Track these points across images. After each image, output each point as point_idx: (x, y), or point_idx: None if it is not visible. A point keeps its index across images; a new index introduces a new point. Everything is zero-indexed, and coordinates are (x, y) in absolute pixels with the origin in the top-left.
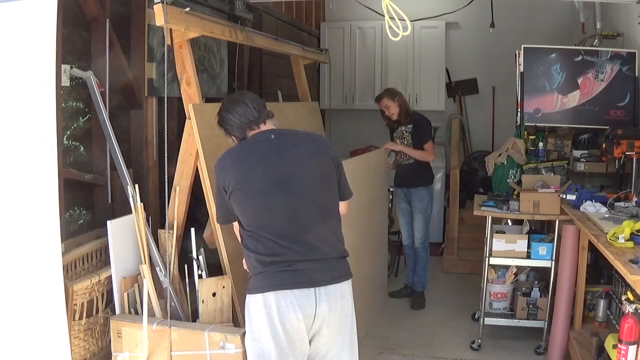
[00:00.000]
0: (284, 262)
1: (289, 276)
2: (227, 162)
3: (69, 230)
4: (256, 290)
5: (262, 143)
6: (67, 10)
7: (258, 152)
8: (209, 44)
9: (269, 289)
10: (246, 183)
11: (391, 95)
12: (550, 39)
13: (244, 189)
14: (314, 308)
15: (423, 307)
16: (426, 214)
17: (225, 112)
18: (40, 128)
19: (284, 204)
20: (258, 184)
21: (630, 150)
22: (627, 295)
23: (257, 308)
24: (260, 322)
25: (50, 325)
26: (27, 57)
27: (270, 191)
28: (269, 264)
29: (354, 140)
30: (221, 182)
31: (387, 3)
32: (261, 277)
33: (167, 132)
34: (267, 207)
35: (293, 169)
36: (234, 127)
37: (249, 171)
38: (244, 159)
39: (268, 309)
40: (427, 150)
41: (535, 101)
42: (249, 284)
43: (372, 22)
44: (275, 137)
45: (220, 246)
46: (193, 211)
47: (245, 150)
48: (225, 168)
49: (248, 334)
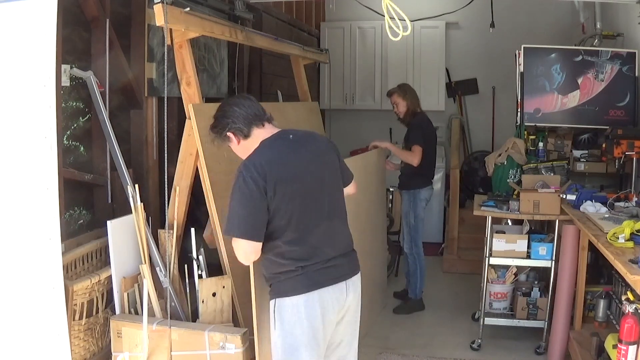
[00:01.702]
0: (322, 261)
1: (326, 273)
2: (263, 165)
3: (69, 230)
4: (296, 291)
5: (285, 142)
6: (67, 10)
7: (289, 153)
8: (209, 44)
9: (310, 289)
10: (290, 185)
11: (402, 93)
12: (550, 39)
13: (288, 191)
14: (344, 300)
15: (406, 313)
16: (407, 218)
17: (227, 106)
18: (40, 128)
19: (320, 203)
20: (300, 184)
21: (630, 150)
22: (627, 295)
23: (298, 309)
24: (299, 321)
25: (50, 325)
26: (27, 57)
27: (309, 191)
28: (309, 265)
29: (354, 140)
30: (260, 186)
31: (387, 3)
32: (300, 278)
33: (167, 132)
34: (311, 207)
35: (320, 168)
36: (240, 118)
37: (289, 172)
38: (281, 160)
39: (311, 308)
40: (412, 152)
41: (535, 101)
42: (278, 287)
43: (372, 22)
44: (292, 137)
45: (220, 246)
46: (193, 211)
47: (275, 151)
48: (263, 172)
49: (279, 337)
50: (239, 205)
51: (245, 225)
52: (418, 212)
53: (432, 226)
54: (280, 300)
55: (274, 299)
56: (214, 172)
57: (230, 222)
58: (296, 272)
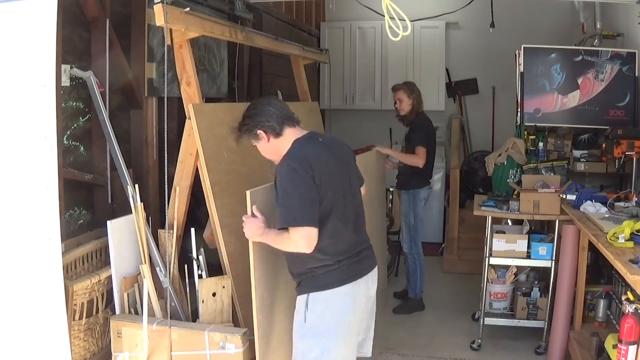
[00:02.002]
0: (354, 254)
1: (358, 267)
2: (308, 158)
3: (69, 230)
4: (332, 285)
5: (317, 143)
6: (67, 10)
7: (325, 152)
8: (209, 44)
9: (346, 282)
10: (330, 178)
11: (408, 91)
12: (550, 39)
13: (329, 185)
14: (370, 290)
15: (406, 313)
16: (407, 218)
17: (261, 105)
18: (40, 128)
19: (349, 200)
20: (337, 181)
21: (630, 150)
22: (627, 295)
23: (334, 302)
24: (334, 314)
25: (50, 325)
26: (27, 57)
27: (342, 188)
28: (344, 259)
29: (354, 140)
30: (315, 179)
31: (387, 3)
32: (337, 272)
33: (167, 132)
34: (344, 202)
35: (347, 169)
36: (273, 117)
37: (328, 168)
38: (320, 157)
39: (345, 300)
40: (416, 155)
41: (535, 101)
42: (313, 281)
43: (372, 22)
44: (322, 140)
45: (220, 246)
46: (193, 211)
47: (313, 148)
48: (309, 163)
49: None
50: (296, 195)
51: (306, 213)
52: (418, 212)
53: (432, 226)
54: (315, 295)
55: (306, 294)
56: (214, 172)
57: (290, 213)
58: (333, 266)
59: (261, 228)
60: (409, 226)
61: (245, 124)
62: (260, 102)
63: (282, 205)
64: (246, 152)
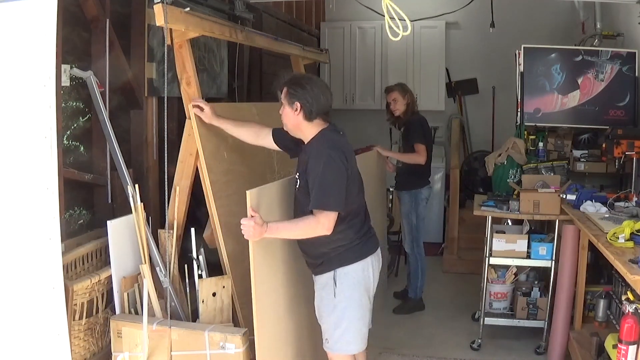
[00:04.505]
0: (369, 231)
1: (373, 241)
2: (342, 147)
3: (69, 230)
4: (356, 259)
5: (341, 136)
6: (67, 10)
7: (349, 146)
8: (209, 44)
9: (366, 255)
10: (355, 173)
11: (403, 91)
12: (550, 39)
13: (354, 170)
14: (381, 262)
15: (406, 312)
16: (408, 218)
17: (317, 89)
18: (40, 128)
19: (362, 185)
20: (359, 174)
21: (630, 150)
22: (627, 295)
23: (359, 274)
24: (358, 284)
25: (50, 325)
26: (27, 57)
27: (361, 180)
28: (364, 234)
29: (354, 140)
30: (344, 164)
31: (387, 3)
32: (359, 247)
33: (167, 132)
34: (360, 188)
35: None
36: (317, 103)
37: (354, 163)
38: (349, 151)
39: (367, 272)
40: (416, 153)
41: (535, 101)
42: (338, 258)
43: (372, 22)
44: (342, 133)
45: (220, 246)
46: (193, 211)
47: (340, 138)
48: (343, 151)
49: (341, 301)
50: (332, 181)
51: (340, 200)
52: (420, 212)
53: (432, 226)
54: (342, 269)
55: (332, 270)
56: (214, 172)
57: (326, 198)
58: (355, 242)
59: (260, 227)
60: (411, 226)
61: (295, 89)
62: (319, 87)
63: (318, 190)
64: (246, 152)
